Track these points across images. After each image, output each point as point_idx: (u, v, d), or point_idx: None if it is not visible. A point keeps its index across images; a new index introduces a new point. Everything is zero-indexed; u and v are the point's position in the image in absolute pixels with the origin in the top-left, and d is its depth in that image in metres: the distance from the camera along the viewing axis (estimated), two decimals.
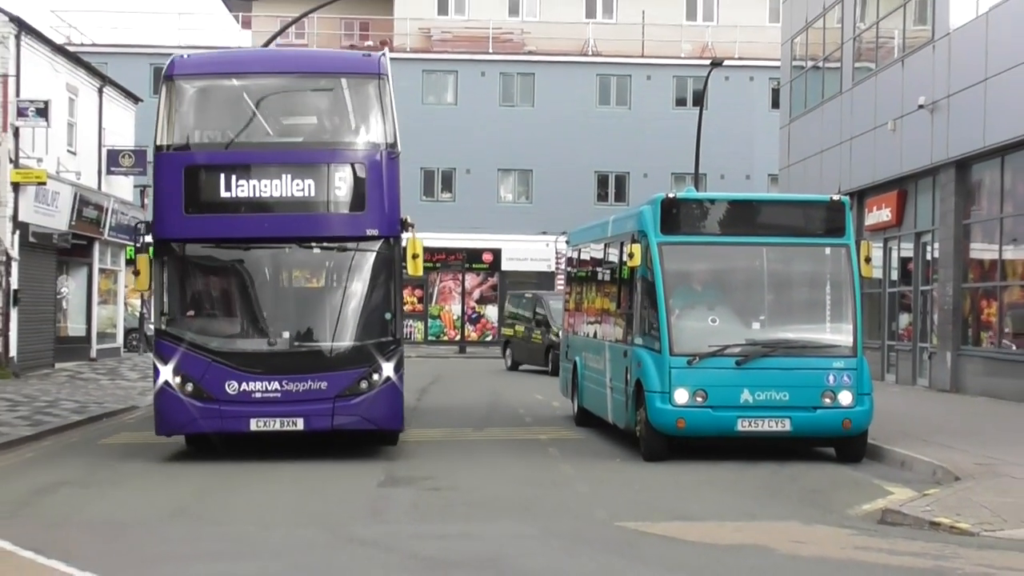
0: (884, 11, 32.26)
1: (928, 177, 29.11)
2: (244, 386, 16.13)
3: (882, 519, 12.45)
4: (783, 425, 16.17)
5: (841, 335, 16.76)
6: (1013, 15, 24.80)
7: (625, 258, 17.60)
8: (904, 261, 31.35)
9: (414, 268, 17.26)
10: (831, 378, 16.23)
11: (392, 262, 16.94)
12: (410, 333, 49.62)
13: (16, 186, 30.54)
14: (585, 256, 22.98)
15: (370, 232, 16.60)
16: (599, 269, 21.51)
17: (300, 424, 16.34)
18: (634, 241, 17.12)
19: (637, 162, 50.62)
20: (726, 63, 41.63)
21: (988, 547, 10.92)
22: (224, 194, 16.39)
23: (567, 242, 24.76)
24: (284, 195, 16.54)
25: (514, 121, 51.45)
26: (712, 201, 18.11)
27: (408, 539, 11.24)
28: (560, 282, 33.51)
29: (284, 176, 16.40)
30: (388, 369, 16.49)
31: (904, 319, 31.13)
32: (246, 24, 59.32)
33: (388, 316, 16.89)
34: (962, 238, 27.85)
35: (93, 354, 37.54)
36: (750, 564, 10.37)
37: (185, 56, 17.69)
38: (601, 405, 19.64)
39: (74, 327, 37.72)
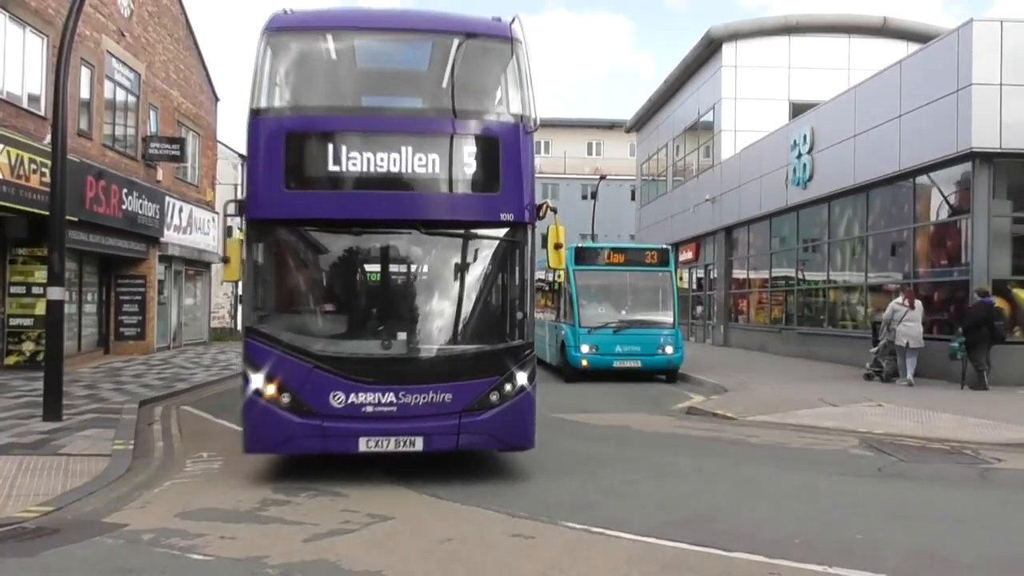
0: (688, 150, 32.35)
1: (711, 235, 29.15)
2: (353, 398, 7.57)
3: (688, 411, 12.53)
4: (637, 364, 16.22)
5: (667, 317, 16.74)
6: (752, 153, 24.95)
7: (557, 277, 17.69)
8: (699, 279, 31.43)
9: (556, 260, 8.73)
10: (662, 339, 16.32)
11: (526, 253, 8.17)
12: None
13: None
14: (536, 277, 22.93)
15: (504, 217, 7.99)
16: (542, 283, 21.49)
17: (419, 444, 7.64)
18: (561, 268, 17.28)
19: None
20: (608, 177, 41.66)
21: (742, 425, 11.00)
22: (332, 167, 7.80)
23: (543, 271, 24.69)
24: (404, 171, 7.88)
25: None
26: (601, 248, 18.07)
27: None
28: None
29: (404, 148, 7.84)
30: (522, 378, 7.88)
31: (699, 309, 31.19)
32: None
33: (520, 316, 8.07)
34: (728, 268, 27.95)
35: None
36: (620, 434, 10.42)
37: (287, 11, 8.51)
38: (543, 353, 19.44)
39: None
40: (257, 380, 7.30)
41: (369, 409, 7.29)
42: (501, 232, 7.79)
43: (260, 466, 8.01)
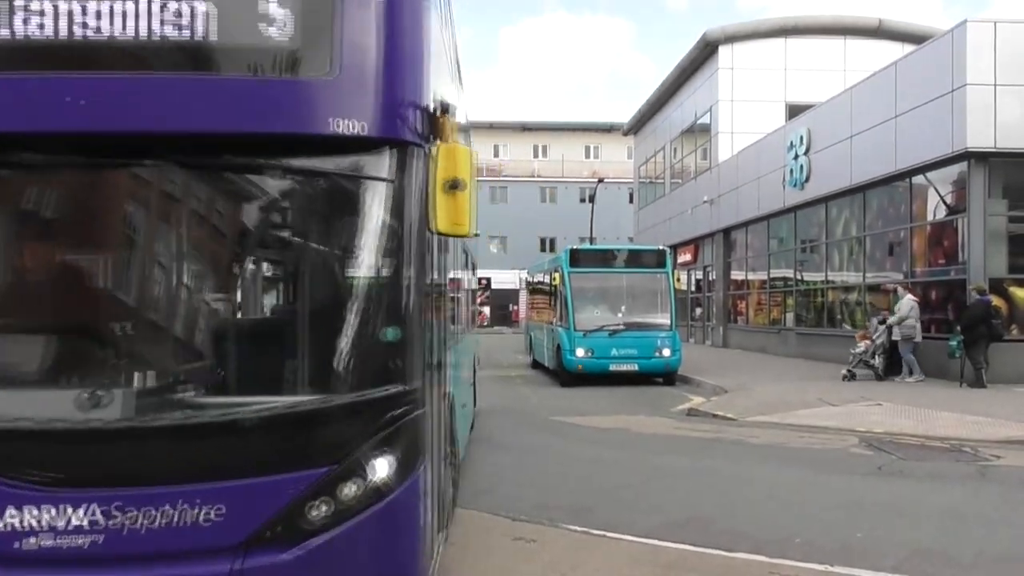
0: (686, 152, 32.41)
1: (709, 237, 29.18)
2: (5, 519, 2.69)
3: (688, 413, 12.49)
4: (633, 367, 15.96)
5: (664, 319, 16.46)
6: (750, 155, 24.99)
7: (553, 280, 17.61)
8: (698, 281, 31.45)
9: (446, 216, 3.26)
10: (659, 342, 16.04)
11: (406, 205, 3.18)
12: None
13: None
14: (535, 280, 22.93)
15: (342, 127, 2.89)
16: (541, 286, 21.49)
17: None
18: (557, 271, 17.17)
19: (560, 231, 50.29)
20: (606, 180, 41.72)
21: (742, 426, 11.00)
22: None
23: (527, 273, 24.67)
24: (138, 32, 2.87)
25: (497, 212, 51.08)
26: (596, 250, 18.03)
27: None
28: (522, 295, 33.18)
29: None
30: (384, 467, 3.03)
31: (699, 311, 31.22)
32: None
33: (391, 336, 3.14)
34: (727, 269, 27.98)
35: None
36: (619, 437, 10.39)
37: None
38: (542, 356, 19.54)
39: None
40: None
41: (38, 543, 3.09)
42: (344, 159, 3.44)
43: None
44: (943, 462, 8.59)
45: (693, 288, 31.86)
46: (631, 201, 45.78)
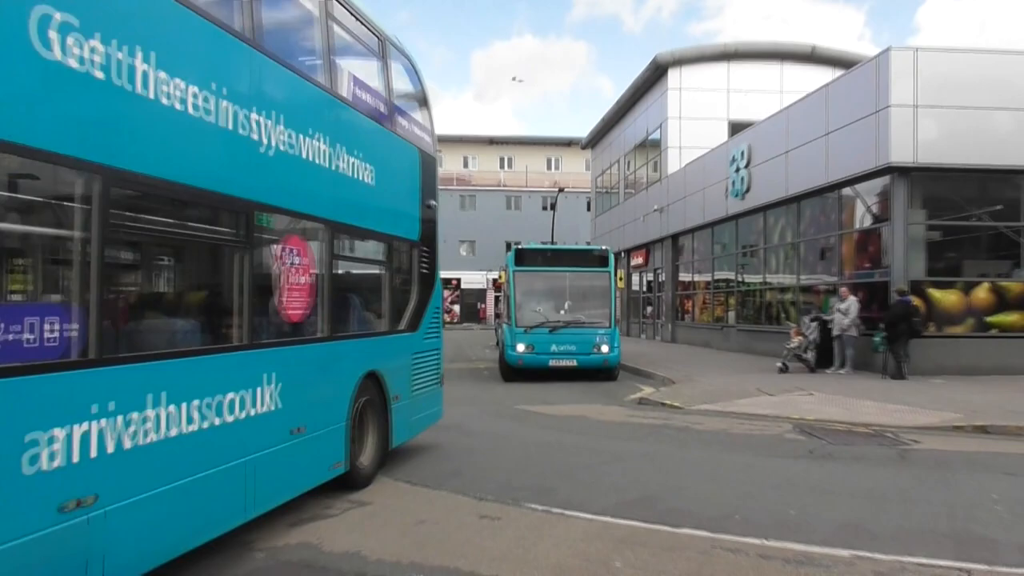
0: (638, 165, 32.61)
1: (659, 242, 29.39)
2: None
3: (639, 402, 12.54)
4: (572, 363, 15.33)
5: (604, 317, 15.81)
6: (696, 168, 25.21)
7: (502, 278, 17.19)
8: (649, 282, 31.66)
9: None
10: (598, 339, 15.44)
11: None
12: None
13: None
14: (500, 279, 22.77)
15: None
16: (501, 285, 21.25)
17: None
18: (505, 270, 16.90)
19: (524, 236, 49.79)
20: (566, 190, 41.84)
21: (688, 413, 11.05)
22: None
23: (499, 272, 24.49)
24: None
25: (468, 218, 51.05)
26: (541, 249, 17.07)
27: None
28: (489, 294, 33.00)
29: None
30: None
31: (649, 309, 31.43)
32: None
33: None
34: (675, 271, 28.20)
35: None
36: (577, 424, 10.38)
37: None
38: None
39: None
40: None
41: None
42: None
43: None
44: (867, 446, 8.74)
45: (644, 288, 32.07)
46: (589, 209, 45.93)
